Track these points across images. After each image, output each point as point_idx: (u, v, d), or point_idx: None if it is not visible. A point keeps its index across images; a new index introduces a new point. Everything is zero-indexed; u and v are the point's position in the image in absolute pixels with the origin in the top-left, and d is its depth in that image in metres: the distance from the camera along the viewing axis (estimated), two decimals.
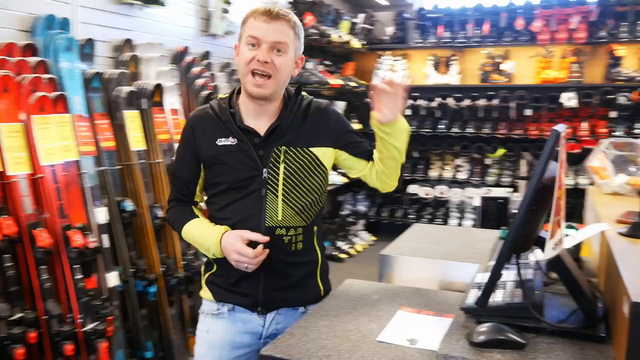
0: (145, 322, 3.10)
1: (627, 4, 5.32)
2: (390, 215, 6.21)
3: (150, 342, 3.11)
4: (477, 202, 5.45)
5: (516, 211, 3.44)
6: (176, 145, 3.43)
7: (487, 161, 5.83)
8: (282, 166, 1.61)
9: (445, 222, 5.77)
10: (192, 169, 1.68)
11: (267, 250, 1.56)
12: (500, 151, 5.73)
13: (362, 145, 1.71)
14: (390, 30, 6.56)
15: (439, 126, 5.93)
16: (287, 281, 1.65)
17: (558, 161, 1.15)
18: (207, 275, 1.72)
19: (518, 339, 1.18)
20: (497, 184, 5.65)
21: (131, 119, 3.20)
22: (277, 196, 1.61)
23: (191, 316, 3.42)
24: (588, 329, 1.23)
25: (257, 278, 1.62)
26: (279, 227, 1.61)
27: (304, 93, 1.71)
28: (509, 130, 5.68)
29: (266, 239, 1.56)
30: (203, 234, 1.63)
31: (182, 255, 3.34)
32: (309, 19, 5.41)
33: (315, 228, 1.70)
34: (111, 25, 3.48)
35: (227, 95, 1.69)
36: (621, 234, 1.51)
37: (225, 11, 4.38)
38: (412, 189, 5.99)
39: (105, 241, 2.86)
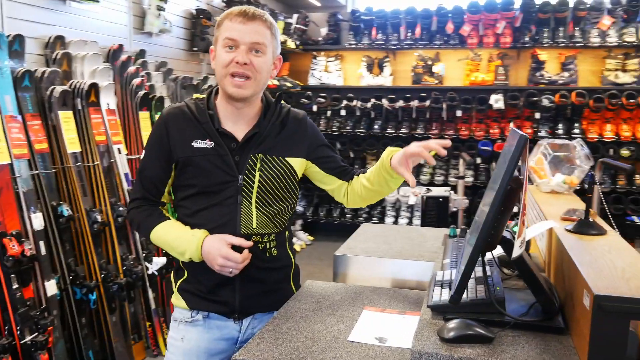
0: (85, 330, 2.98)
1: (548, 11, 5.63)
2: (327, 215, 6.27)
3: (91, 351, 2.99)
4: (412, 201, 5.61)
5: (455, 209, 3.56)
6: (115, 148, 3.34)
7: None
8: (258, 174, 1.59)
9: (381, 221, 5.89)
10: (163, 169, 1.61)
11: (251, 255, 1.54)
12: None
13: (334, 161, 1.71)
14: (324, 31, 6.62)
15: (374, 127, 6.05)
16: (262, 287, 1.63)
17: (525, 164, 1.21)
18: (178, 282, 1.67)
19: (486, 334, 1.23)
20: (431, 183, 5.83)
21: (65, 119, 3.07)
22: (250, 203, 1.59)
23: (132, 323, 3.32)
24: (547, 322, 1.30)
25: (233, 285, 1.59)
26: (254, 234, 1.59)
27: (283, 102, 1.70)
28: (440, 130, 5.87)
29: (250, 243, 1.54)
30: (179, 237, 1.57)
31: (123, 260, 3.24)
32: None
33: (287, 233, 1.69)
34: (40, 21, 3.32)
35: (204, 95, 1.65)
36: (568, 230, 1.60)
37: (161, 9, 4.27)
38: None
39: (42, 248, 2.73)
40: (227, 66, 1.53)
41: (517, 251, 1.23)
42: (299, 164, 1.67)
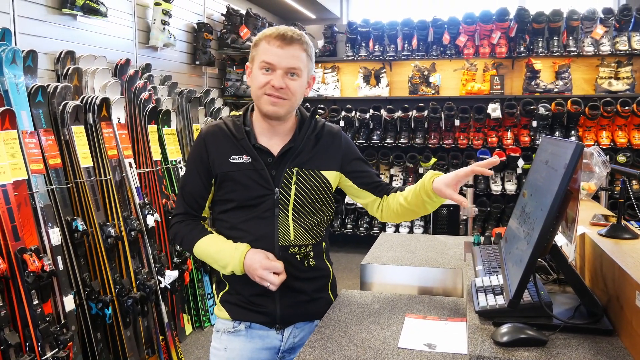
0: (100, 346, 2.97)
1: (542, 22, 5.72)
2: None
3: None
4: None
5: (465, 217, 3.58)
6: (126, 162, 3.34)
7: (420, 170, 6.04)
8: (294, 187, 1.62)
9: (382, 230, 5.92)
10: (204, 184, 1.66)
11: (284, 278, 1.57)
12: (433, 160, 5.95)
13: (368, 176, 1.73)
14: (320, 43, 6.67)
15: (373, 137, 6.09)
16: (302, 297, 1.66)
17: (580, 172, 1.25)
18: (221, 294, 1.70)
19: (540, 337, 1.26)
20: None
21: (78, 134, 3.07)
22: (287, 216, 1.62)
23: (146, 337, 3.31)
24: (595, 324, 1.34)
25: (273, 295, 1.62)
26: (291, 246, 1.62)
27: (317, 116, 1.73)
28: (439, 140, 5.93)
29: (281, 268, 1.57)
30: (222, 249, 1.60)
31: (136, 274, 3.23)
32: (245, 31, 5.41)
33: (324, 244, 1.72)
34: (51, 37, 3.33)
35: (240, 112, 1.69)
36: (602, 235, 1.64)
37: (165, 23, 4.29)
38: (348, 199, 6.10)
39: (60, 263, 2.72)
40: (262, 87, 1.57)
41: (572, 255, 1.26)
42: (334, 177, 1.70)
